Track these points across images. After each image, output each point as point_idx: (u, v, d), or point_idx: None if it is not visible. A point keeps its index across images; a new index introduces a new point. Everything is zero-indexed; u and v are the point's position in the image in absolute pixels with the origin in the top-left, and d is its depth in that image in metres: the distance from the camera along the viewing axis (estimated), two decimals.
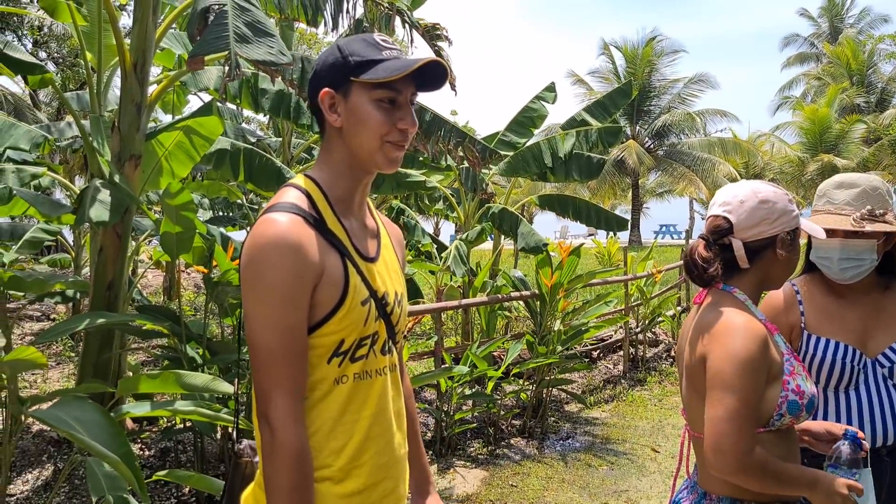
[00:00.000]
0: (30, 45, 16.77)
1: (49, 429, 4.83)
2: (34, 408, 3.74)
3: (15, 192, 4.27)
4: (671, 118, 34.14)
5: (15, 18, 14.78)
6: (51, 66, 18.24)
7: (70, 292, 5.20)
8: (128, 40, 4.56)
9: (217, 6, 3.01)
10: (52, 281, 4.63)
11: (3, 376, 3.41)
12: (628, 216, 36.37)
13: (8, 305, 9.68)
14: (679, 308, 9.77)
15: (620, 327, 8.31)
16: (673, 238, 43.26)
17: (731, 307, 1.72)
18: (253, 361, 1.43)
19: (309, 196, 1.52)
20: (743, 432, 1.59)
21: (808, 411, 1.69)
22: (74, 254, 7.85)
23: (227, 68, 2.83)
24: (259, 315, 1.41)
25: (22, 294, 5.92)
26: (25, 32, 16.07)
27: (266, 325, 1.40)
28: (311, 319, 1.47)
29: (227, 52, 2.83)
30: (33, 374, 6.78)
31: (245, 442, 1.88)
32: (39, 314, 9.27)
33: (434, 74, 1.54)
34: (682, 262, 10.02)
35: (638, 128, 35.52)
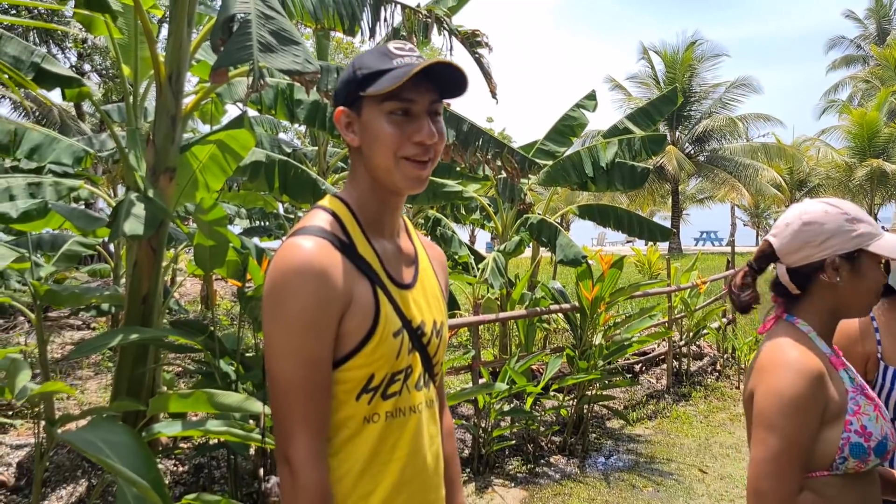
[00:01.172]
0: (74, 59, 17.11)
1: None
2: (66, 427, 3.70)
3: (50, 205, 4.24)
4: (712, 123, 33.48)
5: (59, 32, 15.09)
6: (94, 78, 18.61)
7: (105, 305, 5.19)
8: (163, 52, 4.52)
9: (241, 15, 2.93)
10: (87, 294, 4.61)
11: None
12: (668, 223, 35.82)
13: (50, 314, 9.80)
14: (724, 320, 9.47)
15: (663, 340, 8.06)
16: (714, 245, 42.48)
17: (787, 339, 1.61)
18: (272, 396, 1.31)
19: (338, 218, 1.41)
20: (785, 475, 1.49)
21: (878, 455, 1.52)
22: (114, 264, 7.89)
23: (250, 79, 2.74)
24: (279, 345, 1.30)
25: None
26: (69, 45, 16.39)
27: (287, 357, 1.29)
28: (338, 352, 1.35)
29: (250, 63, 2.74)
30: (72, 384, 6.81)
31: (272, 480, 1.77)
32: (80, 323, 9.36)
33: (452, 79, 1.39)
34: (727, 273, 9.73)
35: (678, 133, 34.95)
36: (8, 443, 4.77)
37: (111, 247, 9.16)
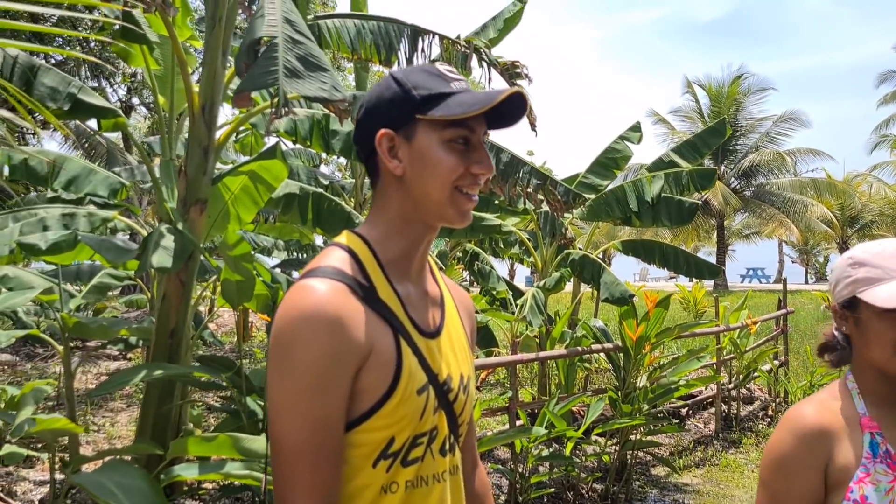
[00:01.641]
0: (123, 92, 17.52)
1: None
2: (83, 468, 3.58)
3: (80, 237, 4.18)
4: (759, 157, 32.80)
5: (108, 66, 15.46)
6: (142, 111, 19.03)
7: (133, 339, 5.12)
8: (198, 83, 4.47)
9: (268, 39, 2.82)
10: (115, 327, 4.52)
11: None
12: (712, 259, 35.05)
13: (88, 344, 9.84)
14: (776, 362, 9.04)
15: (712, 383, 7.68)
16: (761, 282, 41.41)
17: (818, 394, 1.55)
18: (273, 460, 1.13)
19: (356, 258, 1.23)
20: None
21: None
22: (150, 295, 7.86)
23: (274, 104, 2.62)
24: (284, 404, 1.12)
25: None
26: (118, 81, 16.80)
27: (291, 417, 1.11)
28: (354, 411, 1.16)
29: (275, 89, 2.62)
30: (103, 418, 6.74)
31: None
32: (118, 353, 9.35)
33: (509, 110, 1.25)
34: (778, 312, 9.32)
35: (724, 167, 34.34)
36: (31, 478, 4.67)
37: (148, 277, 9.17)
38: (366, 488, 1.18)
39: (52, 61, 15.14)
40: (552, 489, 5.53)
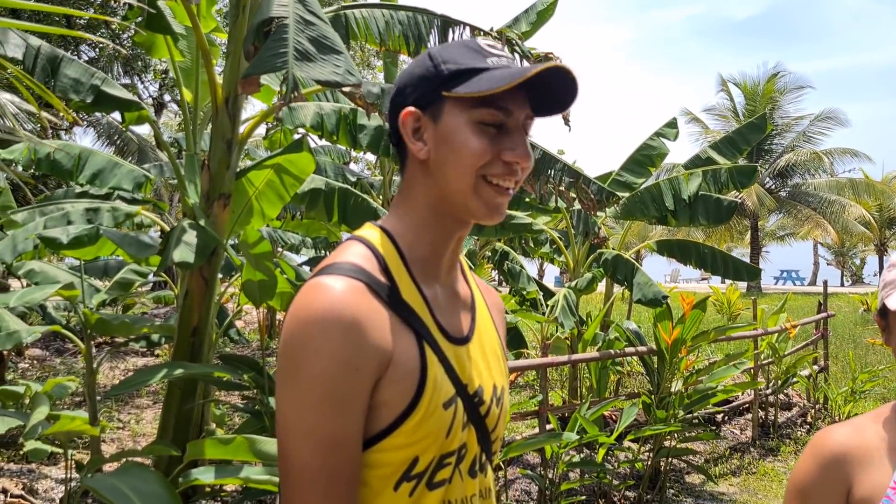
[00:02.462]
0: (154, 89, 17.64)
1: None
2: (105, 467, 3.49)
3: (101, 231, 4.10)
4: (795, 157, 32.13)
5: (139, 63, 15.57)
6: (174, 108, 19.15)
7: (156, 337, 5.05)
8: (221, 75, 4.37)
9: (278, 20, 2.67)
10: (137, 324, 4.45)
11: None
12: (746, 260, 34.44)
13: (118, 340, 9.84)
14: (816, 367, 8.73)
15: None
16: (795, 284, 40.63)
17: (865, 414, 1.44)
18: (282, 479, 0.99)
19: (378, 254, 1.08)
20: None
21: None
22: (177, 291, 7.82)
23: (282, 89, 2.48)
24: (292, 420, 0.97)
25: None
26: (149, 77, 16.90)
27: (301, 436, 0.97)
28: (373, 427, 1.02)
29: (284, 72, 2.48)
30: (128, 414, 6.70)
31: None
32: (146, 350, 9.35)
33: (557, 93, 1.08)
34: (819, 316, 9.02)
35: (758, 167, 33.74)
36: (53, 476, 4.61)
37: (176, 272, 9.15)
38: None
39: (85, 58, 15.27)
40: (583, 496, 5.35)
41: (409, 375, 1.03)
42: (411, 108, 1.09)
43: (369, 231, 1.14)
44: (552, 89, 1.08)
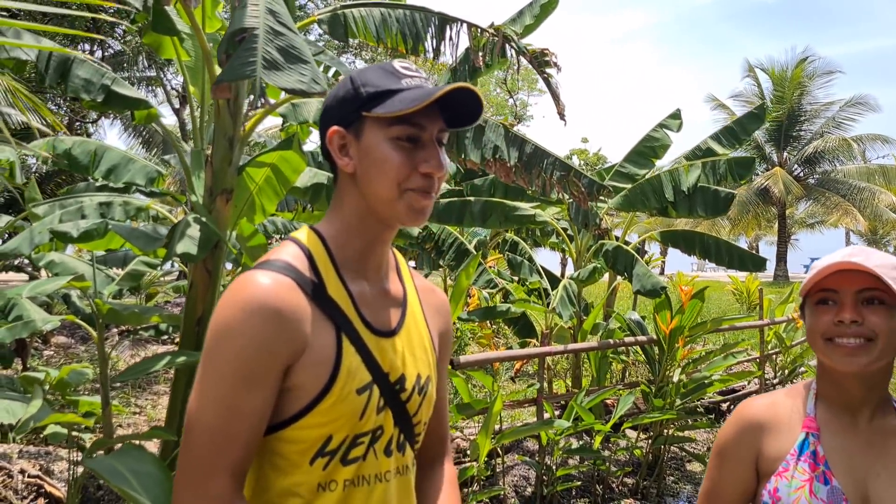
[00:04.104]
0: (178, 81, 17.93)
1: None
2: (98, 453, 3.69)
3: (110, 225, 4.29)
4: (824, 144, 31.61)
5: (168, 68, 15.88)
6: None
7: (164, 326, 5.25)
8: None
9: (249, 30, 2.83)
10: (146, 314, 4.63)
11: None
12: (773, 249, 34.00)
13: (135, 329, 10.15)
14: None
15: (755, 378, 7.46)
16: None
17: (785, 388, 1.60)
18: (185, 439, 1.12)
19: (309, 255, 1.23)
20: None
21: None
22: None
23: (251, 97, 2.62)
24: (206, 386, 1.12)
25: None
26: (173, 69, 17.19)
27: (211, 402, 1.11)
28: (289, 409, 1.17)
29: (253, 80, 2.63)
30: (146, 400, 6.96)
31: None
32: (165, 338, 9.62)
33: (467, 107, 1.22)
34: None
35: (786, 154, 33.21)
36: (69, 458, 4.85)
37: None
38: (302, 485, 1.19)
39: (111, 51, 15.60)
40: (580, 482, 5.47)
41: (323, 364, 1.17)
42: (336, 127, 1.24)
43: (304, 234, 1.28)
44: (462, 104, 1.21)
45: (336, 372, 1.17)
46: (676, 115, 7.46)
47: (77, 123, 15.55)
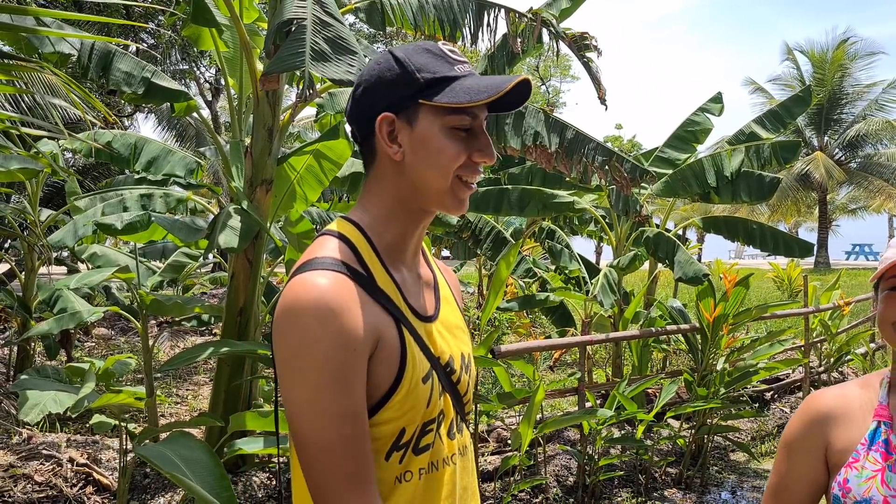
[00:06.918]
0: (211, 74, 18.08)
1: None
2: (145, 442, 3.72)
3: (153, 217, 4.33)
4: (866, 127, 30.76)
5: (195, 49, 15.98)
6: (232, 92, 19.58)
7: (205, 316, 5.30)
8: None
9: (297, 20, 2.80)
10: (189, 305, 4.68)
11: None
12: (814, 235, 33.29)
13: (178, 319, 10.29)
14: (873, 345, 8.49)
15: (800, 366, 7.30)
16: (868, 259, 39.13)
17: (855, 379, 1.55)
18: (302, 459, 1.08)
19: (352, 246, 1.19)
20: None
21: None
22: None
23: (297, 88, 2.60)
24: (303, 400, 1.08)
25: None
26: (205, 62, 17.34)
27: (317, 416, 1.07)
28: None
29: (301, 70, 2.60)
30: (187, 391, 7.05)
31: None
32: (204, 329, 9.74)
33: (512, 96, 1.20)
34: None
35: (826, 138, 32.43)
36: (115, 447, 4.92)
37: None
38: (381, 482, 1.16)
39: (145, 45, 15.77)
40: (622, 472, 5.41)
41: (392, 356, 1.15)
42: (387, 114, 1.19)
43: (340, 225, 1.24)
44: (510, 93, 1.18)
45: (404, 363, 1.15)
46: (718, 99, 7.31)
47: (114, 116, 15.76)
